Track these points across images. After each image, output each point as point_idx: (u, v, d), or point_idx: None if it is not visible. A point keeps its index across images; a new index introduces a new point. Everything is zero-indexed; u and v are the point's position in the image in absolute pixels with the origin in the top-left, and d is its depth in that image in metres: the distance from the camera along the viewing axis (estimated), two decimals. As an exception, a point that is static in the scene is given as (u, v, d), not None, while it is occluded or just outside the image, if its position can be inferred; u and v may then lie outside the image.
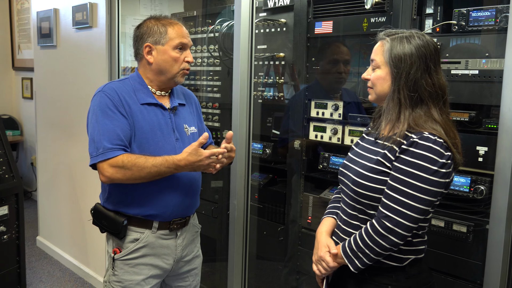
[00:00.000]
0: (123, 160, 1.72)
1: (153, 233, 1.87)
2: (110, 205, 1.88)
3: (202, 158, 1.72)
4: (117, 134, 1.75)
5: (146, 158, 1.74)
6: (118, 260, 1.87)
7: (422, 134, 1.36)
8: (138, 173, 1.72)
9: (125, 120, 1.78)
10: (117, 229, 1.83)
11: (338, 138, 2.41)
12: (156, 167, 1.73)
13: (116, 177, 1.74)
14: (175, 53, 1.85)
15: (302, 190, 2.62)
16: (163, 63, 1.85)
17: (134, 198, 1.83)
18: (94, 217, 1.93)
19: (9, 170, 2.97)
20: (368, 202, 1.44)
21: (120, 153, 1.73)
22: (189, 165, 1.74)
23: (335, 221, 1.62)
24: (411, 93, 1.40)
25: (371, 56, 1.50)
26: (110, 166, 1.73)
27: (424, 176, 1.33)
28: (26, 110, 5.86)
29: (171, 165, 1.74)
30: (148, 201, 1.83)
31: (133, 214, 1.85)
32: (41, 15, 3.91)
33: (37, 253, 4.18)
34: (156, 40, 1.85)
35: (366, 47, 2.36)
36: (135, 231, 1.86)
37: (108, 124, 1.76)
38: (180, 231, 1.95)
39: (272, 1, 2.68)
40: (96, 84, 3.28)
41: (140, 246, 1.86)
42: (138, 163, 1.72)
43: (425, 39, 1.42)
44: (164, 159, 1.74)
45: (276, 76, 2.75)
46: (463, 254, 1.90)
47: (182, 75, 1.89)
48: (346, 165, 1.58)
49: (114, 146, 1.73)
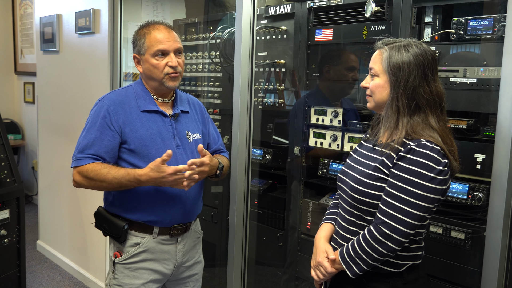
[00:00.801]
0: (88, 169, 1.78)
1: (154, 238, 1.89)
2: (112, 209, 1.91)
3: (165, 175, 1.71)
4: (94, 144, 1.81)
5: (109, 169, 1.77)
6: (119, 263, 1.89)
7: (419, 141, 1.38)
8: (100, 183, 1.78)
9: (110, 133, 1.82)
10: (118, 233, 1.85)
11: (337, 144, 2.42)
12: (117, 179, 1.76)
13: (83, 184, 1.82)
14: (154, 61, 1.85)
15: (302, 196, 2.63)
16: (147, 72, 1.88)
17: (135, 204, 1.86)
18: (96, 221, 1.95)
19: (10, 174, 2.98)
20: (366, 208, 1.46)
21: (89, 162, 1.79)
22: (151, 181, 1.73)
23: (334, 227, 1.64)
24: (409, 100, 1.42)
25: (370, 64, 1.53)
26: (78, 173, 1.82)
27: (421, 182, 1.35)
28: (28, 114, 5.89)
29: (132, 179, 1.75)
30: (148, 207, 1.86)
31: (134, 219, 1.87)
32: (44, 20, 3.94)
33: (37, 257, 4.19)
34: (138, 50, 1.89)
35: (366, 54, 2.39)
36: (136, 236, 1.88)
37: (92, 135, 1.82)
38: (181, 236, 1.96)
39: (273, 9, 2.70)
40: (98, 89, 3.33)
41: (141, 251, 1.88)
42: (99, 174, 1.77)
43: (423, 48, 1.44)
44: (126, 172, 1.76)
45: (276, 82, 2.77)
46: (460, 260, 1.90)
47: (169, 79, 1.87)
48: (345, 172, 1.59)
49: (86, 155, 1.80)
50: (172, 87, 1.90)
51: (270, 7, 2.73)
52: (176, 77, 1.89)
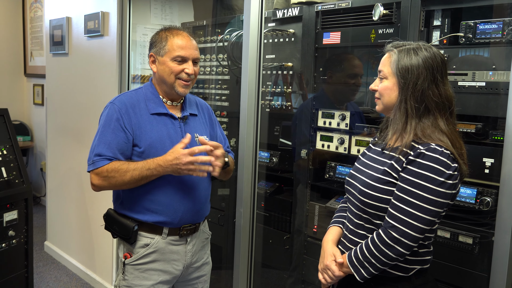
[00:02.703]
0: (107, 169, 1.80)
1: (163, 238, 1.90)
2: (122, 210, 1.92)
3: (179, 156, 1.75)
4: (110, 146, 1.82)
5: (128, 164, 1.80)
6: (129, 265, 1.90)
7: (429, 145, 1.37)
8: (121, 178, 1.79)
9: (124, 134, 1.84)
10: (128, 234, 1.86)
11: (344, 148, 2.42)
12: (138, 171, 1.78)
13: (103, 185, 1.83)
14: (172, 64, 1.87)
15: (308, 199, 2.63)
16: (162, 73, 1.90)
17: (144, 205, 1.87)
18: (106, 222, 1.97)
19: (19, 175, 3.00)
20: (374, 212, 1.46)
21: (106, 162, 1.80)
22: (168, 166, 1.77)
23: (341, 230, 1.63)
24: (418, 103, 1.42)
25: (379, 67, 1.52)
26: (96, 175, 1.83)
27: (431, 187, 1.34)
28: (37, 116, 5.94)
29: (152, 165, 1.78)
30: (158, 208, 1.87)
31: (144, 220, 1.88)
32: (53, 23, 3.97)
33: (45, 258, 4.22)
34: (157, 50, 1.90)
35: (374, 58, 2.39)
36: (146, 237, 1.89)
37: (107, 136, 1.84)
38: (190, 237, 1.97)
39: (281, 12, 2.71)
40: (107, 91, 3.35)
41: (150, 252, 1.89)
42: (120, 170, 1.79)
43: (432, 51, 1.44)
44: (146, 162, 1.80)
45: (284, 85, 2.77)
46: (468, 265, 1.89)
47: (180, 85, 1.90)
48: (353, 175, 1.59)
49: (102, 156, 1.81)
50: (182, 94, 1.93)
51: (278, 10, 2.73)
52: (188, 85, 1.92)
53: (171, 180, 1.86)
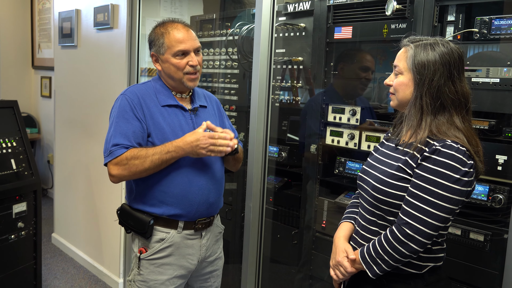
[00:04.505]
0: (126, 156, 1.78)
1: (179, 233, 1.90)
2: (136, 205, 1.91)
3: (200, 137, 1.76)
4: (127, 135, 1.81)
5: (147, 150, 1.79)
6: (144, 259, 1.89)
7: (444, 141, 1.36)
8: (141, 165, 1.77)
9: (139, 123, 1.83)
10: (144, 229, 1.85)
11: (355, 143, 2.40)
12: (157, 155, 1.77)
13: (123, 174, 1.80)
14: (175, 60, 1.87)
15: (317, 195, 2.62)
16: (168, 71, 1.90)
17: (159, 198, 1.87)
18: (120, 217, 1.96)
19: (28, 167, 3.01)
20: (388, 208, 1.45)
21: (124, 151, 1.79)
22: (187, 145, 1.77)
23: (353, 226, 1.62)
24: (433, 100, 1.40)
25: (394, 62, 1.51)
26: (115, 165, 1.80)
27: (446, 184, 1.33)
28: (44, 108, 5.95)
29: (171, 148, 1.78)
30: (172, 200, 1.86)
31: (159, 214, 1.87)
32: (63, 15, 3.97)
33: (52, 250, 4.24)
34: (157, 49, 1.90)
35: (386, 53, 2.37)
36: (161, 231, 1.89)
37: (122, 126, 1.82)
38: (205, 231, 1.97)
39: (292, 6, 2.69)
40: (116, 84, 3.34)
41: (166, 246, 1.89)
42: (140, 155, 1.77)
43: (450, 47, 1.42)
44: (163, 146, 1.79)
45: (294, 80, 2.76)
46: (480, 263, 1.88)
47: (189, 79, 1.90)
48: (366, 171, 1.58)
49: (120, 145, 1.80)
50: (192, 87, 1.94)
51: (289, 4, 2.71)
52: (196, 78, 1.92)
53: (186, 170, 1.86)
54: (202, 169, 1.89)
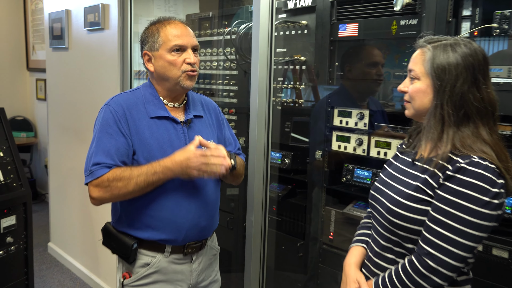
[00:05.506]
0: (108, 177, 1.59)
1: (166, 257, 1.71)
2: (121, 226, 1.74)
3: (191, 156, 1.57)
4: (109, 152, 1.62)
5: (131, 170, 1.60)
6: (128, 286, 1.72)
7: (470, 158, 1.18)
8: (125, 187, 1.58)
9: (123, 139, 1.64)
10: (127, 253, 1.68)
11: (363, 149, 2.23)
12: (142, 176, 1.58)
13: (104, 197, 1.61)
14: (170, 56, 1.68)
15: (324, 204, 2.45)
16: (162, 69, 1.70)
17: (145, 221, 1.68)
18: (104, 237, 1.79)
19: (17, 178, 2.85)
20: (405, 234, 1.27)
21: (106, 171, 1.59)
22: (177, 168, 1.58)
23: (365, 251, 1.44)
24: (456, 109, 1.22)
25: (409, 65, 1.33)
26: (95, 187, 1.61)
27: (473, 208, 1.15)
28: (40, 111, 5.79)
29: (159, 169, 1.58)
30: (160, 224, 1.68)
31: (144, 238, 1.69)
32: (53, 16, 3.79)
33: (48, 261, 4.08)
34: (151, 46, 1.71)
35: (395, 51, 2.19)
36: (146, 255, 1.71)
37: (105, 142, 1.63)
38: (196, 255, 1.78)
39: (292, 2, 2.51)
40: (108, 88, 3.18)
41: (151, 272, 1.71)
42: (123, 177, 1.58)
43: (473, 47, 1.24)
44: (150, 165, 1.60)
45: (296, 81, 2.58)
46: (504, 281, 1.72)
47: (186, 77, 1.70)
48: (378, 189, 1.40)
49: (101, 164, 1.60)
50: (188, 87, 1.73)
51: (289, 0, 2.54)
52: (194, 75, 1.72)
53: (174, 192, 1.68)
54: (192, 191, 1.71)
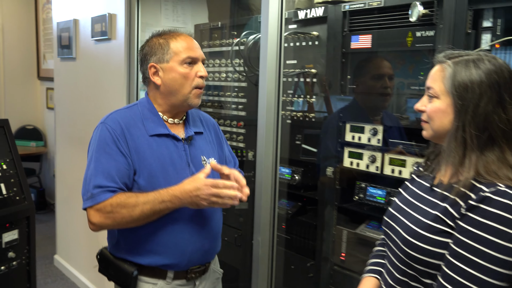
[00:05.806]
0: (112, 203, 1.49)
1: (168, 284, 1.62)
2: (119, 252, 1.64)
3: (201, 186, 1.47)
4: (110, 174, 1.52)
5: (137, 196, 1.50)
6: None
7: (496, 186, 1.06)
8: (129, 215, 1.49)
9: (123, 159, 1.55)
10: (126, 281, 1.58)
11: (376, 166, 2.12)
12: (149, 204, 1.48)
13: (105, 223, 1.52)
14: (183, 69, 1.59)
15: (335, 223, 2.34)
16: (172, 83, 1.60)
17: (146, 246, 1.59)
18: (100, 264, 1.69)
19: (20, 192, 2.79)
20: (423, 268, 1.15)
21: (110, 195, 1.50)
22: (186, 195, 1.49)
23: (378, 282, 1.33)
24: (480, 131, 1.11)
25: (427, 82, 1.22)
26: (96, 212, 1.51)
27: (499, 243, 1.03)
28: (50, 120, 5.74)
29: (166, 197, 1.49)
30: (162, 249, 1.59)
31: (145, 264, 1.60)
32: (61, 25, 3.76)
33: (54, 274, 4.01)
34: (160, 57, 1.61)
35: (410, 64, 2.09)
36: (147, 282, 1.61)
37: (104, 163, 1.54)
38: (199, 280, 1.69)
39: (303, 12, 2.42)
40: (115, 100, 3.11)
41: None
42: (128, 203, 1.49)
43: (498, 63, 1.13)
44: (158, 193, 1.50)
45: (306, 94, 2.49)
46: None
47: (195, 95, 1.62)
48: (393, 216, 1.29)
49: (104, 188, 1.51)
50: (195, 106, 1.66)
51: (299, 10, 2.45)
52: (201, 94, 1.65)
53: (178, 216, 1.58)
54: (198, 211, 1.61)
